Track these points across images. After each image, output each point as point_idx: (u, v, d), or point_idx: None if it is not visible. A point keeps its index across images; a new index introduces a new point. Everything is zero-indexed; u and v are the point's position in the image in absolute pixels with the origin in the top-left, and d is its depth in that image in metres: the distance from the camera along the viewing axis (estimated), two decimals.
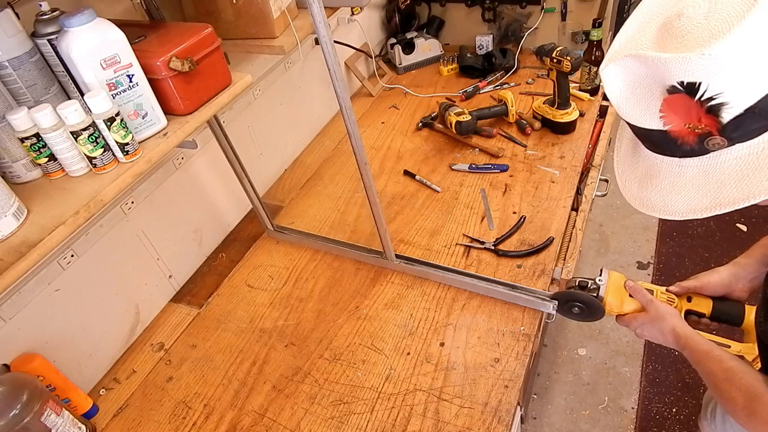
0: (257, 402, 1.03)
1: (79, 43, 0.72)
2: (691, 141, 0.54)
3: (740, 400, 0.73)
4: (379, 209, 1.09)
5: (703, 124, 0.52)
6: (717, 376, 0.78)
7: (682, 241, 2.32)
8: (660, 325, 0.90)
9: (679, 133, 0.54)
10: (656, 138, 0.57)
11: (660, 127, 0.55)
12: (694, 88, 0.50)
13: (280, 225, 1.41)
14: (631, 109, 0.57)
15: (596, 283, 0.97)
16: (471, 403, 0.96)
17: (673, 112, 0.53)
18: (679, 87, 0.51)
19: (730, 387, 0.75)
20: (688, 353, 0.86)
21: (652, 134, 0.57)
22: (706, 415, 1.14)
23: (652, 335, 0.92)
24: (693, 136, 0.53)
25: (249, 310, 1.23)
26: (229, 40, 1.13)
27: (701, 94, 0.50)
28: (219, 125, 1.15)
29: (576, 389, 1.89)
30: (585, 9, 1.79)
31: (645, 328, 0.93)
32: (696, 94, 0.50)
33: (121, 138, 0.75)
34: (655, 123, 0.55)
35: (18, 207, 0.70)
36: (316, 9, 0.78)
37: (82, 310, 1.08)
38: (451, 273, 1.18)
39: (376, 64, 1.98)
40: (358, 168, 1.03)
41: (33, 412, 0.82)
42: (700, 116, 0.51)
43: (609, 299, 0.96)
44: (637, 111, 0.57)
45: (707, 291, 0.94)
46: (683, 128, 0.53)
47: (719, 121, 0.51)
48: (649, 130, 0.57)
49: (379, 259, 1.24)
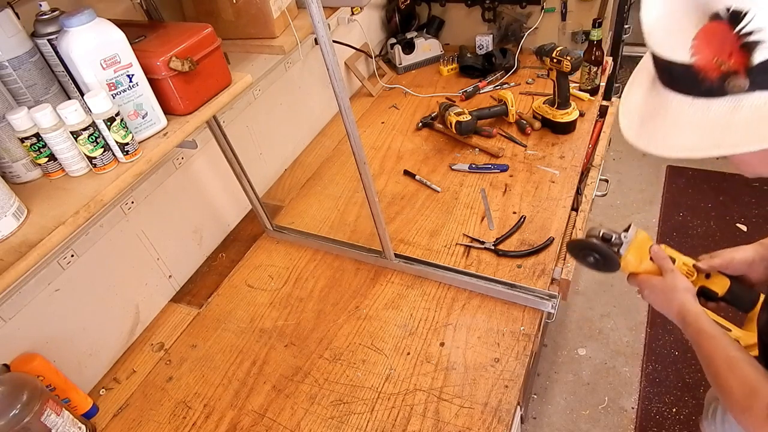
0: (257, 402, 1.03)
1: (79, 43, 0.72)
2: (713, 78, 0.53)
3: (738, 392, 0.72)
4: (378, 208, 1.09)
5: (732, 61, 0.51)
6: (718, 362, 0.77)
7: (682, 241, 2.32)
8: (671, 295, 0.88)
9: (703, 68, 0.53)
10: (677, 72, 0.56)
11: (686, 59, 0.54)
12: (739, 16, 0.49)
13: (280, 225, 1.41)
14: (662, 37, 0.56)
15: (620, 239, 0.93)
16: (471, 403, 0.96)
17: (705, 43, 0.52)
18: (723, 14, 0.50)
19: (730, 376, 0.74)
20: (691, 332, 0.84)
21: (674, 67, 0.56)
22: (707, 415, 1.14)
23: (658, 302, 0.90)
24: (716, 73, 0.52)
25: (249, 310, 1.23)
26: (229, 40, 1.13)
27: (743, 25, 0.49)
28: (218, 126, 1.15)
29: (576, 389, 1.89)
30: (585, 9, 1.79)
31: (654, 294, 0.91)
32: (738, 24, 0.49)
33: (121, 138, 0.75)
34: (682, 55, 0.54)
35: (18, 207, 0.70)
36: (315, 9, 0.78)
37: (82, 310, 1.08)
38: (451, 272, 1.18)
39: (376, 64, 1.98)
40: (357, 168, 1.03)
41: (33, 412, 0.82)
42: (732, 51, 0.51)
43: (629, 257, 0.92)
44: (668, 39, 0.56)
45: (730, 269, 0.91)
46: (710, 62, 0.53)
47: (750, 60, 0.50)
48: (673, 63, 0.56)
49: (379, 259, 1.24)
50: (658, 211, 2.51)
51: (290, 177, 1.64)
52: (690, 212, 2.46)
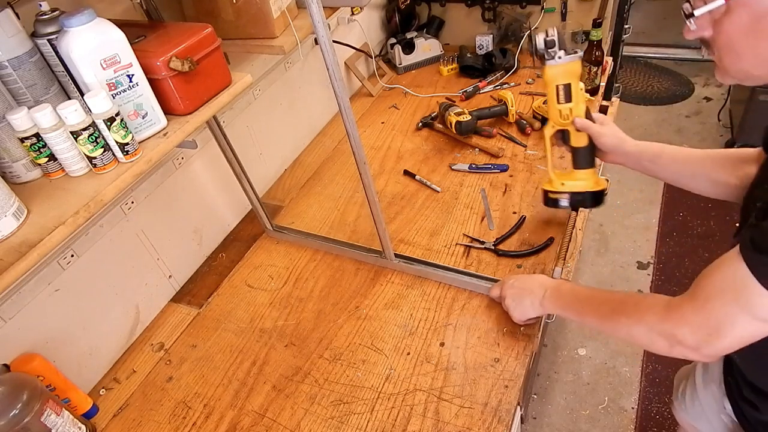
0: (257, 402, 1.03)
1: (79, 43, 0.72)
2: None
3: (654, 314, 0.74)
4: (378, 208, 1.09)
5: None
6: (615, 307, 0.82)
7: (682, 241, 2.32)
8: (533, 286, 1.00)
9: None
10: None
11: None
12: None
13: (280, 225, 1.41)
14: None
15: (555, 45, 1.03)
16: (471, 403, 0.96)
17: None
18: None
19: (636, 310, 0.78)
20: (566, 301, 0.93)
21: None
22: (677, 395, 1.16)
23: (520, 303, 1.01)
24: None
25: (249, 310, 1.23)
26: (229, 40, 1.13)
27: None
28: (218, 126, 1.15)
29: (576, 389, 1.89)
30: (585, 9, 1.79)
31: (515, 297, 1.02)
32: None
33: (121, 138, 0.75)
34: None
35: (18, 207, 0.70)
36: (315, 9, 0.78)
37: (82, 310, 1.08)
38: (451, 272, 1.18)
39: (376, 64, 1.98)
40: (358, 168, 1.03)
41: (33, 412, 0.82)
42: None
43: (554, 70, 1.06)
44: None
45: (599, 139, 1.06)
46: None
47: None
48: None
49: (379, 259, 1.24)
50: (658, 211, 2.51)
51: (290, 177, 1.64)
52: (690, 212, 2.46)
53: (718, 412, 1.02)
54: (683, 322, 0.70)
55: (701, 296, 0.69)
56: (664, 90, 3.42)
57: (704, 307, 0.68)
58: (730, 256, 0.66)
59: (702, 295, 0.69)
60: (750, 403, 0.87)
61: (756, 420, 0.88)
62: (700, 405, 1.08)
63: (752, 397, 0.86)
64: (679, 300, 0.72)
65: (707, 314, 0.67)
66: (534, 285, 1.01)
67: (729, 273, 0.65)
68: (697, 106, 3.23)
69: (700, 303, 0.69)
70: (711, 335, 0.67)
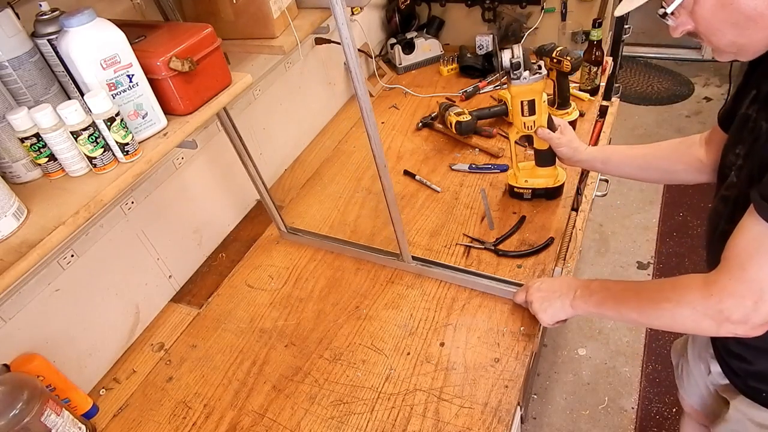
0: (257, 402, 1.03)
1: (79, 43, 0.72)
2: None
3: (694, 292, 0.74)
4: (397, 211, 1.08)
5: None
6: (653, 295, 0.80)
7: (682, 241, 2.32)
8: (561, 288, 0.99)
9: None
10: None
11: None
12: None
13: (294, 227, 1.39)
14: None
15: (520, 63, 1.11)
16: (471, 403, 0.96)
17: None
18: None
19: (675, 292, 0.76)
20: (600, 298, 0.90)
21: None
22: (677, 375, 1.18)
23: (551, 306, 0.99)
24: None
25: (249, 310, 1.23)
26: (229, 40, 1.13)
27: None
28: (229, 119, 1.13)
29: (576, 389, 1.89)
30: (585, 9, 1.79)
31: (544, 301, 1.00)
32: None
33: (121, 138, 0.75)
34: None
35: (18, 207, 0.70)
36: (339, 10, 0.78)
37: (82, 310, 1.08)
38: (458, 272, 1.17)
39: (376, 64, 1.98)
40: (377, 170, 1.02)
41: (33, 412, 0.82)
42: None
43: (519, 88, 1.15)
44: None
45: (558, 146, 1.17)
46: None
47: None
48: None
49: (396, 261, 1.24)
50: (658, 211, 2.51)
51: (290, 177, 1.64)
52: (690, 212, 2.46)
53: (706, 383, 1.05)
54: (726, 294, 0.69)
55: (735, 265, 0.69)
56: (664, 90, 3.42)
57: (742, 276, 0.68)
58: (748, 220, 0.67)
59: (736, 263, 0.69)
60: (738, 356, 0.88)
61: (746, 372, 0.89)
62: (693, 377, 1.10)
63: (739, 350, 0.88)
64: (715, 274, 0.71)
65: (747, 281, 0.67)
66: (562, 287, 0.99)
67: (754, 235, 0.66)
68: (697, 106, 3.23)
69: (736, 272, 0.68)
70: (757, 302, 0.67)
